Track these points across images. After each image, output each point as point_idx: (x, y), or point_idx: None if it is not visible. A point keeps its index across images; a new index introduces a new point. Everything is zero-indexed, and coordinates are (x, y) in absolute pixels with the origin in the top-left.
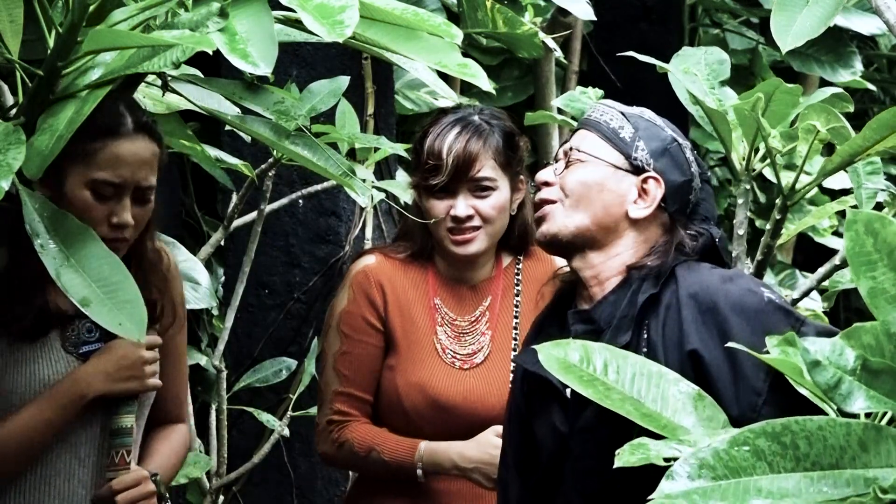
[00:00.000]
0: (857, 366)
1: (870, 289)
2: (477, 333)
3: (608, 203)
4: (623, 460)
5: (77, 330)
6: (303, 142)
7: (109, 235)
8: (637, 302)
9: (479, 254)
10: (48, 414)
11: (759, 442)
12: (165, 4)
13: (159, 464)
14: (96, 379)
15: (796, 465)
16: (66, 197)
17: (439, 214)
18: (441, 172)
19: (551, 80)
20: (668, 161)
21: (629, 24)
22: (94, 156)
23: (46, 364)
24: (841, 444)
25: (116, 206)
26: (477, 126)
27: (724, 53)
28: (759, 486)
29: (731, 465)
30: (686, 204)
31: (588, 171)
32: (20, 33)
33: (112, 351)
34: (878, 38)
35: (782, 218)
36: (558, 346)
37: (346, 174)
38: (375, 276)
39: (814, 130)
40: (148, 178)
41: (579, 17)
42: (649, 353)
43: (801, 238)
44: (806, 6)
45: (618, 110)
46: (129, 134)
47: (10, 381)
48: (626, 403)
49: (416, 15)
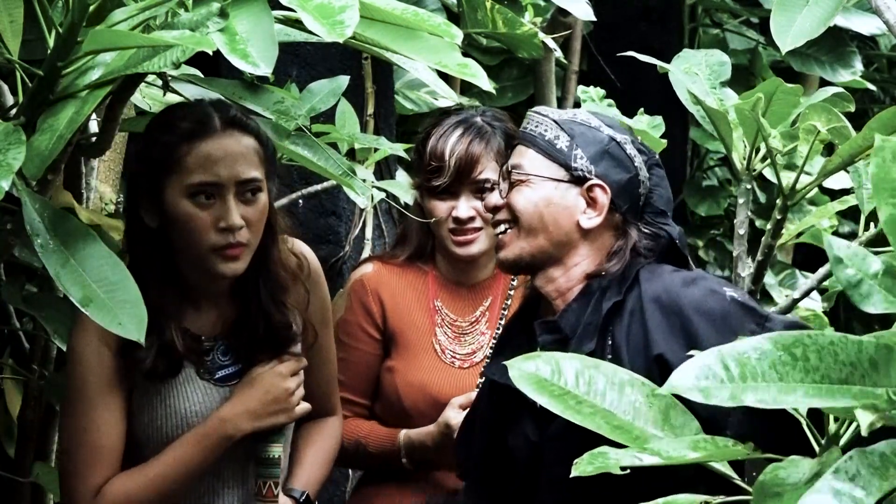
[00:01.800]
0: (878, 271)
1: (889, 215)
2: (476, 333)
3: (558, 219)
4: (580, 470)
5: (212, 355)
6: (303, 142)
7: (222, 243)
8: (602, 309)
9: (480, 254)
10: (193, 457)
11: (769, 352)
12: (165, 4)
13: (308, 476)
14: (243, 419)
15: (805, 377)
16: (168, 213)
17: (441, 215)
18: (443, 174)
19: (551, 80)
20: (608, 163)
21: (629, 24)
22: (184, 161)
23: (184, 397)
24: (852, 360)
25: (221, 209)
26: (479, 128)
27: (725, 55)
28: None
29: (741, 371)
30: (636, 199)
31: (532, 192)
32: (20, 33)
33: (255, 385)
34: (878, 38)
35: (783, 218)
36: (529, 360)
37: (346, 174)
38: (372, 286)
39: (814, 131)
40: (247, 172)
41: (579, 18)
42: (614, 359)
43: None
44: (806, 6)
45: (552, 119)
46: (217, 131)
47: (148, 415)
48: (597, 416)
49: (416, 15)
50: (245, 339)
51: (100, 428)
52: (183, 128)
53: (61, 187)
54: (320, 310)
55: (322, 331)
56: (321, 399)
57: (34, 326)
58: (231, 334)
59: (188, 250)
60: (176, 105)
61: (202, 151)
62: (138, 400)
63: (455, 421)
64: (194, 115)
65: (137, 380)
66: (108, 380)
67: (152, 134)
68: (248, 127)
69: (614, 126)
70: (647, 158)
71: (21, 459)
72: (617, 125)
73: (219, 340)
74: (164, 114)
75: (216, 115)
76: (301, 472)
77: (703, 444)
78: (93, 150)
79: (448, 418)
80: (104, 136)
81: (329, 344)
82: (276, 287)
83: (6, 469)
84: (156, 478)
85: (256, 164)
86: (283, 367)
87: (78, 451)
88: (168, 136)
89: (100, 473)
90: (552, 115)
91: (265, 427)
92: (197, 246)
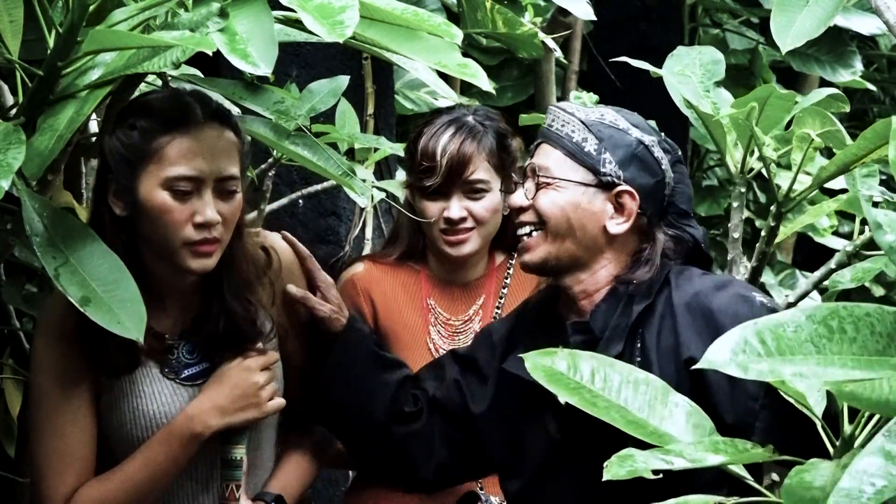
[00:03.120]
0: None
1: None
2: (469, 333)
3: (586, 224)
4: (612, 473)
5: (177, 354)
6: (303, 142)
7: (196, 238)
8: (632, 313)
9: (472, 254)
10: (163, 457)
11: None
12: (165, 4)
13: (284, 482)
14: (211, 415)
15: (842, 349)
16: (141, 203)
17: (432, 215)
18: (435, 174)
19: (551, 80)
20: (636, 167)
21: (629, 24)
22: (164, 151)
23: (150, 398)
24: (889, 331)
25: (198, 204)
26: (471, 128)
27: (719, 53)
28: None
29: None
30: (661, 202)
31: (560, 195)
32: (20, 33)
33: (223, 381)
34: (878, 38)
35: (777, 225)
36: (546, 355)
37: (346, 174)
38: (363, 285)
39: (808, 139)
40: (228, 168)
41: (579, 17)
42: (643, 361)
43: (801, 238)
44: (806, 6)
45: (578, 119)
46: (200, 123)
47: (116, 418)
48: (612, 411)
49: (416, 15)
50: (207, 335)
51: (65, 435)
52: (164, 116)
53: (61, 187)
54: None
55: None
56: (301, 406)
57: (34, 326)
58: (193, 332)
59: (158, 243)
60: (152, 92)
61: (184, 143)
62: (106, 403)
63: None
64: (176, 103)
65: (103, 382)
66: (70, 385)
67: (128, 119)
68: (230, 120)
69: (641, 126)
70: (672, 157)
71: (21, 459)
72: (643, 125)
73: (182, 339)
74: (141, 100)
75: (198, 106)
76: (279, 475)
77: (723, 447)
78: (93, 150)
79: None
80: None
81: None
82: (240, 283)
83: (6, 469)
84: (127, 481)
85: (236, 159)
86: (252, 362)
87: (45, 459)
88: (147, 122)
89: (67, 482)
90: (579, 115)
91: (236, 423)
92: (169, 239)
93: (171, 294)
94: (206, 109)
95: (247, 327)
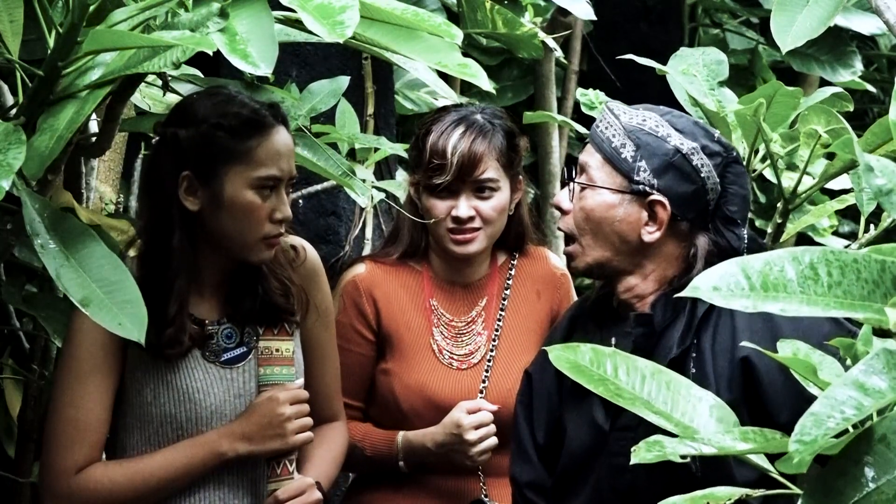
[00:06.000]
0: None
1: None
2: (473, 333)
3: (621, 232)
4: (639, 457)
5: (216, 338)
6: (303, 142)
7: (273, 232)
8: (697, 313)
9: (477, 253)
10: (182, 464)
11: (792, 265)
12: (165, 4)
13: (319, 470)
14: (236, 440)
15: (827, 292)
16: (226, 201)
17: (440, 214)
18: (445, 172)
19: (551, 80)
20: (672, 176)
21: (629, 24)
22: (252, 153)
23: (186, 374)
24: (875, 278)
25: (277, 202)
26: (481, 126)
27: (722, 53)
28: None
29: (762, 281)
30: (704, 208)
31: (595, 202)
32: (20, 33)
33: (253, 410)
34: (878, 38)
35: (784, 221)
36: (569, 349)
37: (346, 174)
38: (365, 286)
39: (816, 135)
40: (294, 168)
41: (579, 17)
42: (698, 358)
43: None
44: (806, 6)
45: (621, 124)
46: (275, 125)
47: (151, 392)
48: (637, 402)
49: (416, 15)
50: (244, 313)
51: (87, 405)
52: (246, 119)
53: (61, 187)
54: (321, 308)
55: (323, 333)
56: (324, 403)
57: (34, 326)
58: (231, 315)
59: (233, 237)
60: (209, 95)
61: (272, 145)
62: (140, 379)
63: (467, 422)
64: (246, 106)
65: (138, 360)
66: (101, 360)
67: (207, 121)
68: (288, 123)
69: (686, 130)
70: (724, 158)
71: (21, 459)
72: (689, 129)
73: (221, 324)
74: (209, 102)
75: (266, 110)
76: (311, 466)
77: (752, 436)
78: (93, 150)
79: (457, 419)
80: (104, 136)
81: (330, 346)
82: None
83: (6, 469)
84: (137, 474)
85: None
86: (282, 394)
87: (62, 427)
88: (231, 124)
89: (80, 452)
90: (622, 119)
91: (259, 453)
92: (250, 234)
93: (212, 283)
94: (274, 112)
95: (280, 300)
